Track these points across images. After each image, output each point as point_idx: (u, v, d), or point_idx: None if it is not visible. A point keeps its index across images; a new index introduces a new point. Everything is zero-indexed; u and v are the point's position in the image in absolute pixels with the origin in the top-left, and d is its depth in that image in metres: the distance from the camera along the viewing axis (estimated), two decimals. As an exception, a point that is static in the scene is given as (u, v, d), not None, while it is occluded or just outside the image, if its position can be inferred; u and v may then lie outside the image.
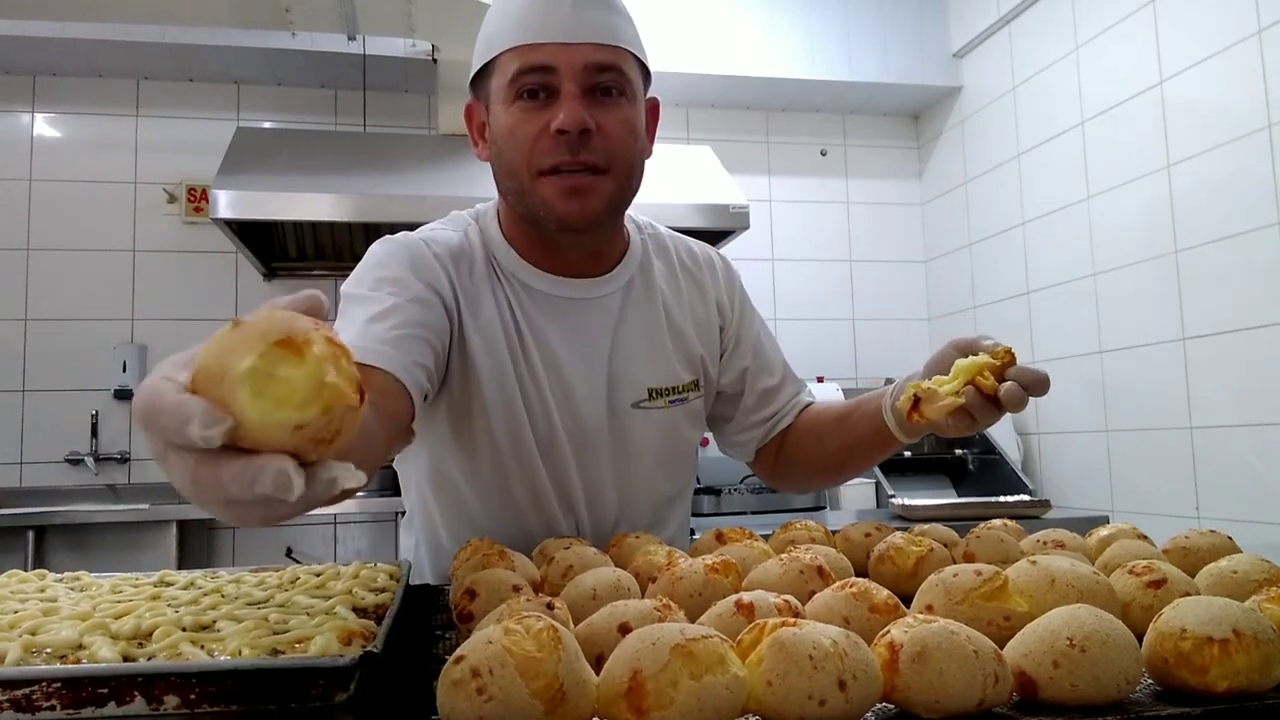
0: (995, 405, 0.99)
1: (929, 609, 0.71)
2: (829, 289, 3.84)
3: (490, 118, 1.14)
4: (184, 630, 0.72)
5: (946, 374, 1.03)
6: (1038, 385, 0.99)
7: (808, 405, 1.34)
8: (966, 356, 1.02)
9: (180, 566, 2.09)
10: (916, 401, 1.02)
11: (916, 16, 3.67)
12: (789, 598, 0.71)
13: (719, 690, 0.53)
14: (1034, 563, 0.75)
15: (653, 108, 1.22)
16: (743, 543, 0.98)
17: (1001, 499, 2.67)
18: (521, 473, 1.19)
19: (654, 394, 1.22)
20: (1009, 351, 1.02)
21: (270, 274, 3.35)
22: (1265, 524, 2.32)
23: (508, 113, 1.10)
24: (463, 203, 1.32)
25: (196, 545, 3.02)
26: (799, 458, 1.32)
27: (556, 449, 1.19)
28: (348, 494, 0.53)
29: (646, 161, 1.20)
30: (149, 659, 0.66)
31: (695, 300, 1.30)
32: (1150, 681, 0.64)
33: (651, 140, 1.22)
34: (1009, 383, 0.98)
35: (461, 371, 1.16)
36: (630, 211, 1.29)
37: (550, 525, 1.21)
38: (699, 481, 2.45)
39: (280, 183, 2.83)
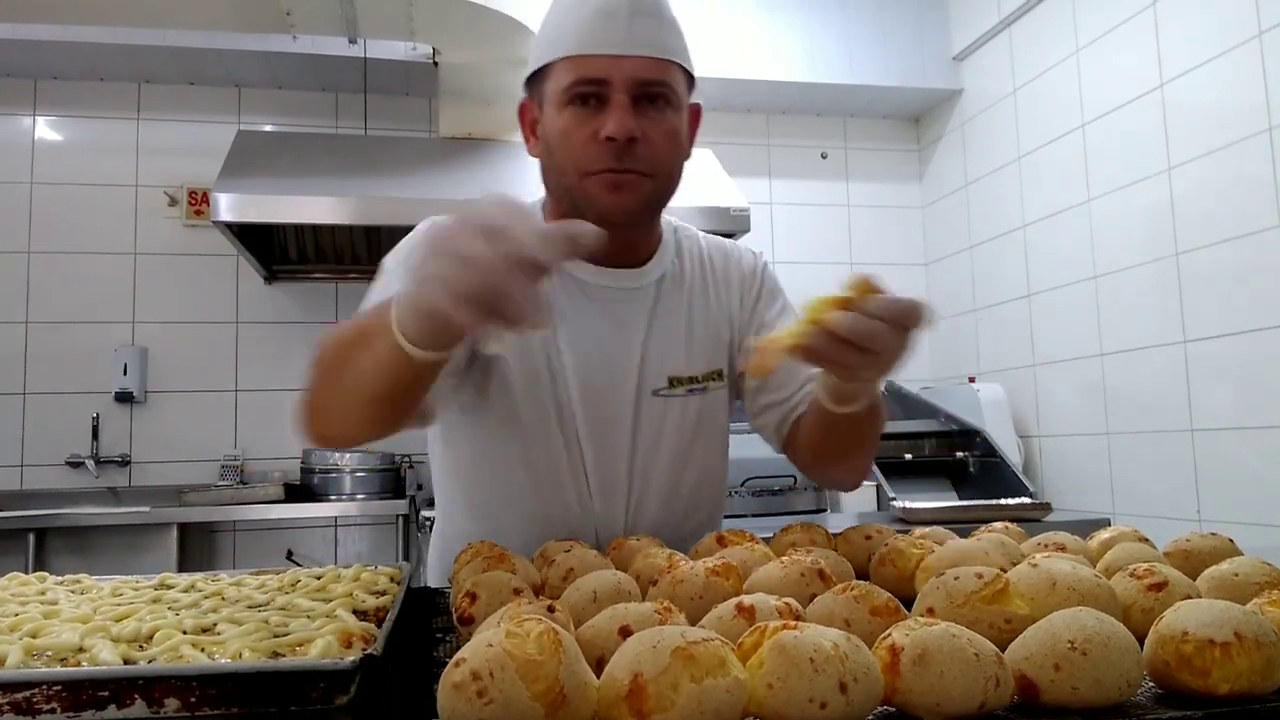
0: (846, 343, 0.88)
1: (930, 612, 0.71)
2: (829, 292, 3.83)
3: (543, 118, 1.19)
4: (185, 633, 0.72)
5: None
6: (896, 313, 0.88)
7: None
8: None
9: (181, 569, 2.08)
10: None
11: (917, 19, 3.67)
12: (790, 600, 0.71)
13: (720, 693, 0.53)
14: (1035, 565, 0.75)
15: (695, 113, 1.28)
16: (743, 545, 0.98)
17: (1002, 502, 2.66)
18: (544, 453, 1.22)
19: (674, 382, 1.26)
20: (864, 282, 0.89)
21: (271, 277, 3.36)
22: (1266, 526, 2.32)
23: (560, 116, 1.15)
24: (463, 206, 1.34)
25: (197, 548, 3.02)
26: (799, 445, 1.29)
27: (576, 430, 1.22)
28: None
29: (685, 164, 1.26)
30: (149, 662, 0.66)
31: (721, 291, 1.33)
32: (1151, 684, 0.64)
33: (691, 143, 1.28)
34: (845, 312, 0.88)
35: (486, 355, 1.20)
36: (666, 216, 1.34)
37: (565, 504, 1.23)
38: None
39: (281, 186, 2.83)
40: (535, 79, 1.20)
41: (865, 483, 2.98)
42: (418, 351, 0.84)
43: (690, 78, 1.23)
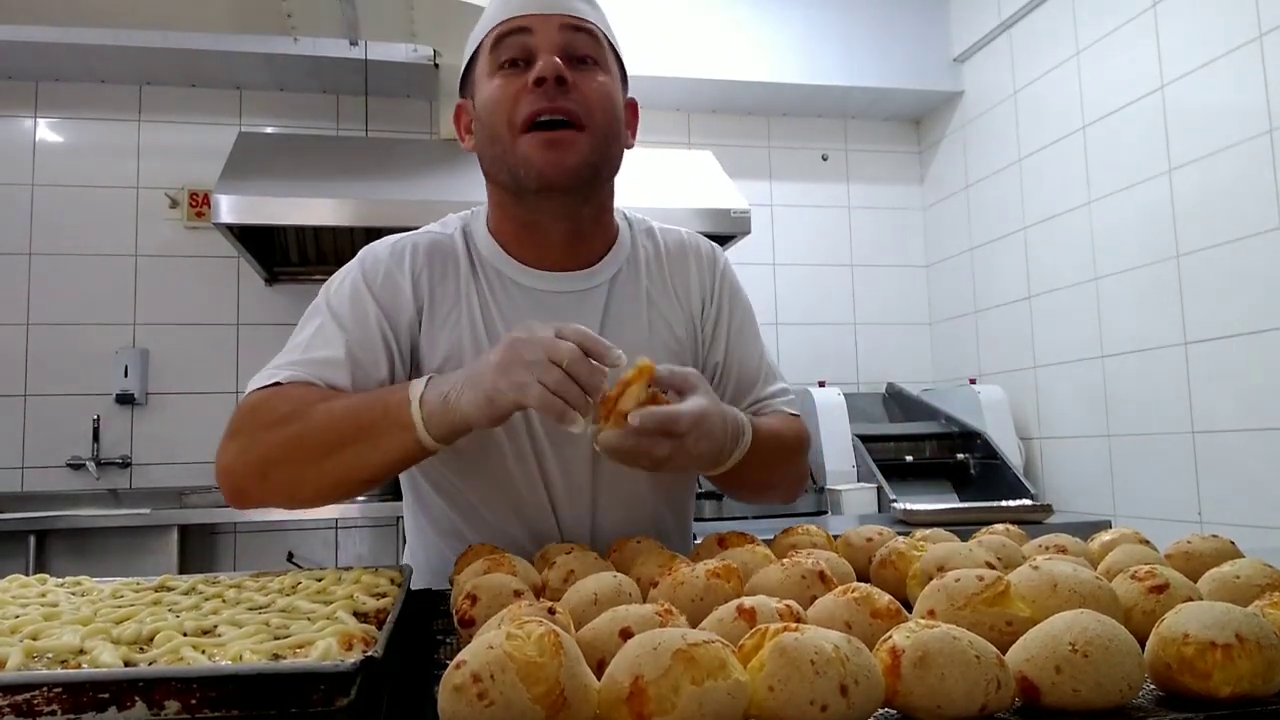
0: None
1: (931, 614, 0.71)
2: (830, 294, 3.84)
3: (476, 102, 1.19)
4: (185, 635, 0.72)
5: None
6: (661, 427, 0.95)
7: (765, 414, 1.28)
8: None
9: (181, 571, 2.09)
10: None
11: (917, 21, 3.67)
12: (790, 603, 0.71)
13: (720, 695, 0.53)
14: (1036, 568, 0.75)
15: (631, 106, 1.26)
16: (744, 548, 0.98)
17: (1003, 504, 2.66)
18: (493, 466, 1.18)
19: None
20: (639, 380, 0.97)
21: (272, 279, 3.36)
22: (1268, 528, 2.32)
23: (490, 84, 1.15)
24: (464, 207, 1.33)
25: (198, 550, 3.01)
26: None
27: (530, 439, 1.18)
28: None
29: (627, 151, 1.23)
30: (150, 664, 0.66)
31: (681, 286, 1.29)
32: (1153, 687, 0.64)
33: (632, 135, 1.25)
34: (615, 432, 0.96)
35: (429, 368, 1.17)
36: (623, 209, 1.31)
37: (526, 518, 1.20)
38: (699, 486, 2.45)
39: (282, 187, 2.83)
40: (467, 75, 1.22)
41: (865, 485, 3.00)
42: (436, 445, 1.00)
43: (621, 66, 1.23)
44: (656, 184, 3.05)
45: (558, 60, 1.10)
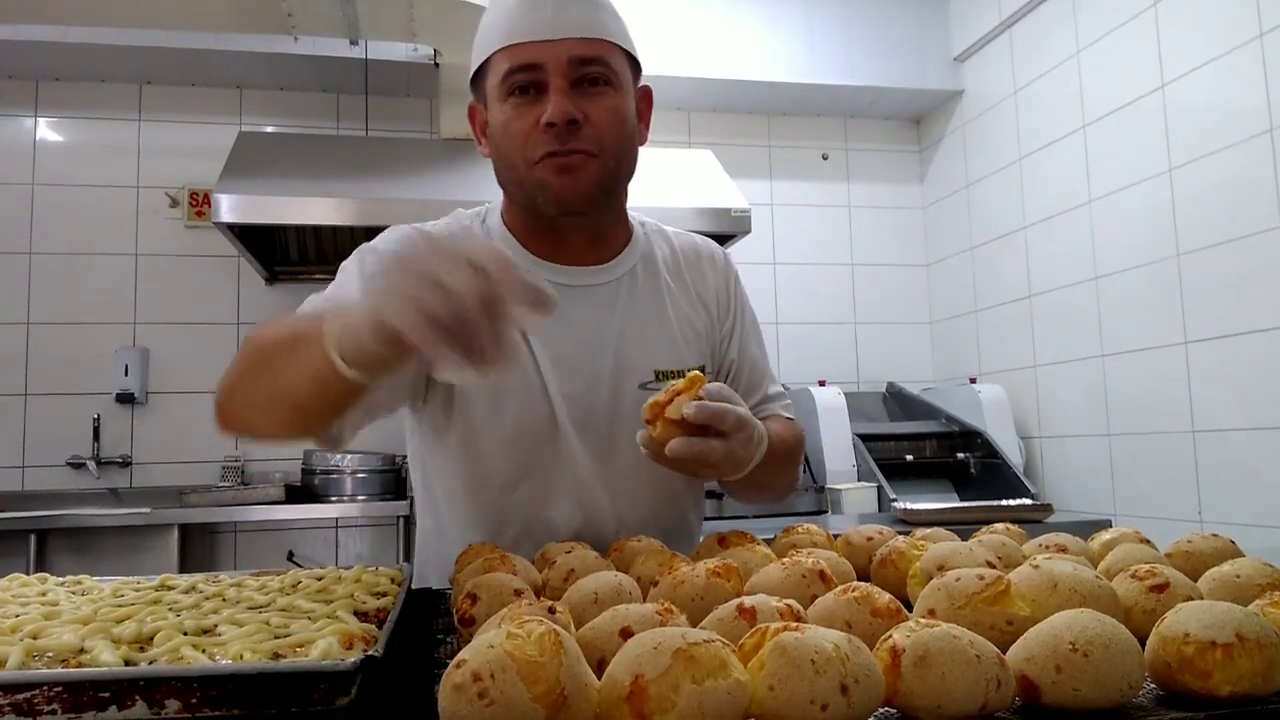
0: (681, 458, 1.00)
1: (931, 613, 0.71)
2: (830, 293, 3.84)
3: (489, 116, 1.19)
4: (185, 634, 0.72)
5: None
6: (711, 419, 0.98)
7: (768, 417, 1.30)
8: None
9: (182, 570, 2.09)
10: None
11: (917, 20, 3.67)
12: (791, 602, 0.71)
13: (721, 695, 0.53)
14: (1036, 567, 0.75)
15: (645, 95, 1.25)
16: (744, 547, 0.98)
17: (1004, 503, 2.66)
18: (507, 454, 1.19)
19: (661, 376, 1.23)
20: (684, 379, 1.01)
21: (272, 278, 3.36)
22: (1268, 528, 2.32)
23: (502, 110, 1.15)
24: (465, 206, 1.34)
25: (198, 549, 3.02)
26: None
27: (546, 428, 1.19)
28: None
29: (641, 148, 1.23)
30: (150, 663, 0.66)
31: (699, 287, 1.32)
32: (1153, 686, 0.64)
33: (646, 126, 1.25)
34: (681, 439, 0.99)
35: None
36: (634, 213, 1.33)
37: (540, 505, 1.20)
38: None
39: (282, 187, 2.83)
40: (478, 80, 1.20)
41: (865, 484, 3.00)
42: (349, 371, 0.80)
43: (634, 62, 1.21)
44: (657, 183, 3.05)
45: (568, 106, 1.10)
